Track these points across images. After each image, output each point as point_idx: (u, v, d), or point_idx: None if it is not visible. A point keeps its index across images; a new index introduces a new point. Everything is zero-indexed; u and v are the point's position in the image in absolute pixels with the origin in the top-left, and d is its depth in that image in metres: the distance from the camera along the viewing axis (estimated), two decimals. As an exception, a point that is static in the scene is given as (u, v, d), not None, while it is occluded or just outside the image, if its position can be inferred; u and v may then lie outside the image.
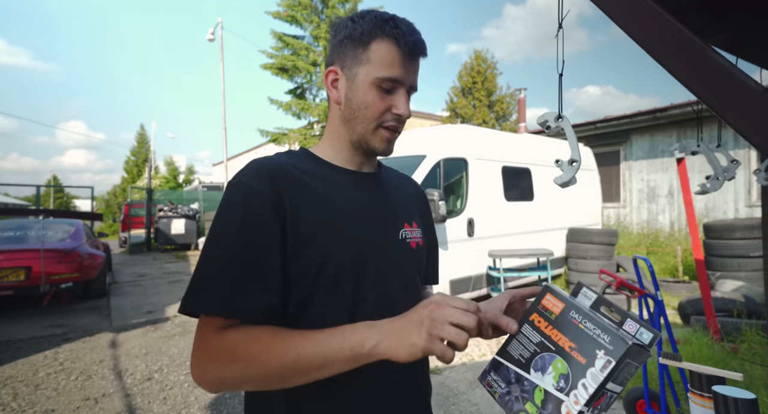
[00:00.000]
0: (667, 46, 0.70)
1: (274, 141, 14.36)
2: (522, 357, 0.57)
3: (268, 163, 0.67)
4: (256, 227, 0.61)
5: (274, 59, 14.09)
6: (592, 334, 0.53)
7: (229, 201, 0.63)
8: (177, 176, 27.03)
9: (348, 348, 0.54)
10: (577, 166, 0.95)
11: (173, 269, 8.51)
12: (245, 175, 0.65)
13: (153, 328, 4.45)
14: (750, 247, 5.17)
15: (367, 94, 0.68)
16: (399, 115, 0.69)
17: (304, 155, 0.75)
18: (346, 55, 0.69)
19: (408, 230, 0.77)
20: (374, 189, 0.76)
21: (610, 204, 8.91)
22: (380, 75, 0.66)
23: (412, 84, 0.70)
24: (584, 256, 5.49)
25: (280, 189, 0.64)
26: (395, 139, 0.72)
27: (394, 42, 0.66)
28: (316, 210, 0.66)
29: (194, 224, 11.52)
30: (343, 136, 0.73)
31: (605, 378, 0.50)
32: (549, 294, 0.60)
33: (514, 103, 17.46)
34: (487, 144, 5.05)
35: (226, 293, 0.58)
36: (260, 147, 35.39)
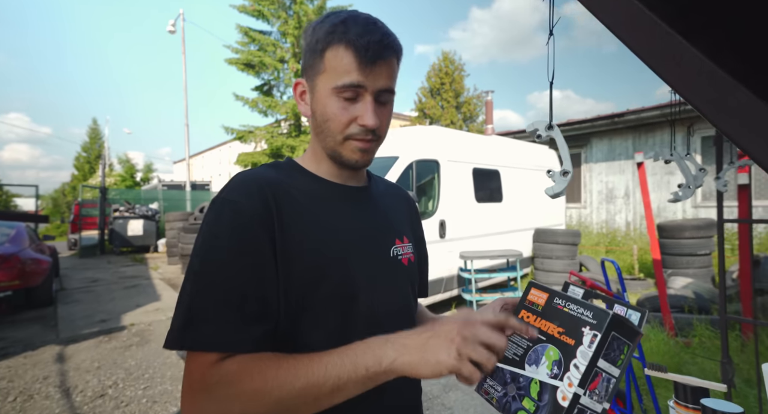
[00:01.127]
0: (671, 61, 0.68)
1: (239, 139, 13.92)
2: (516, 355, 0.57)
3: (257, 178, 0.63)
4: (248, 249, 0.57)
5: (240, 54, 13.66)
6: (576, 314, 0.54)
7: (217, 220, 0.58)
8: (134, 174, 25.61)
9: (363, 367, 0.51)
10: (569, 177, 0.93)
11: (130, 273, 8.02)
12: (233, 191, 0.61)
13: (107, 338, 4.15)
14: (698, 245, 5.53)
15: (326, 105, 0.64)
16: (364, 126, 0.63)
17: (291, 168, 0.71)
18: (308, 65, 0.66)
19: (399, 247, 0.74)
20: (364, 204, 0.73)
21: (572, 204, 9.28)
22: (336, 84, 0.62)
23: (380, 88, 0.63)
24: (550, 256, 5.66)
25: (270, 206, 0.60)
26: (372, 148, 0.67)
27: (345, 46, 0.61)
28: (306, 228, 0.62)
29: (153, 225, 10.93)
30: (320, 150, 0.70)
31: (594, 353, 0.50)
32: (533, 289, 0.61)
33: (480, 104, 17.86)
34: (458, 146, 5.09)
35: (220, 324, 0.53)
36: (224, 144, 34.34)
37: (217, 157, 36.96)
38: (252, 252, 0.57)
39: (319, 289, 0.61)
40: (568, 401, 0.49)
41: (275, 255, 0.58)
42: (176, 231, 8.67)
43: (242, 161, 13.98)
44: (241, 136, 13.76)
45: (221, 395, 0.51)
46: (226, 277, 0.55)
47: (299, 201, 0.64)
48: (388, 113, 0.67)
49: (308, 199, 0.65)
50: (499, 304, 0.67)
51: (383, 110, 0.66)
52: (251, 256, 0.57)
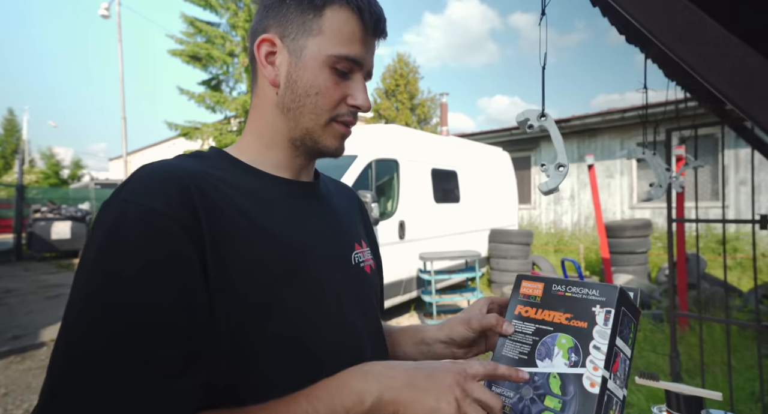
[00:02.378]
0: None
1: (184, 135, 13.08)
2: (523, 354, 0.51)
3: (173, 171, 0.45)
4: (165, 272, 0.40)
5: (185, 46, 12.86)
6: (582, 295, 0.51)
7: (115, 233, 0.40)
8: (59, 171, 23.24)
9: (342, 410, 0.41)
10: (564, 170, 0.83)
11: (53, 281, 7.16)
12: (139, 191, 0.43)
13: (19, 358, 3.59)
14: (636, 244, 5.92)
15: (318, 75, 0.51)
16: (357, 106, 0.54)
17: (218, 158, 0.55)
18: (289, 21, 0.52)
19: (359, 252, 0.63)
20: (317, 204, 0.60)
21: (523, 205, 9.65)
22: (337, 52, 0.51)
23: (370, 69, 0.56)
24: (505, 255, 5.78)
25: (197, 209, 0.44)
26: (348, 136, 0.57)
27: (356, 11, 0.51)
28: (248, 238, 0.47)
29: (83, 227, 9.88)
30: (281, 130, 0.55)
31: (612, 330, 0.47)
32: (524, 281, 0.57)
33: (434, 106, 18.22)
34: (418, 146, 5.05)
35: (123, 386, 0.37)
36: (168, 141, 32.22)
37: (160, 154, 34.70)
38: (171, 276, 0.40)
39: (274, 315, 0.47)
40: (597, 387, 0.45)
41: (206, 278, 0.43)
42: (110, 234, 7.89)
43: (187, 159, 13.15)
44: (186, 133, 12.94)
45: None
46: (133, 317, 0.38)
47: (237, 202, 0.48)
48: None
49: (249, 198, 0.50)
50: (485, 303, 0.60)
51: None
52: (170, 282, 0.40)
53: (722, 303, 4.20)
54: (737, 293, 4.81)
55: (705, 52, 0.61)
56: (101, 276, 0.39)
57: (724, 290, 4.66)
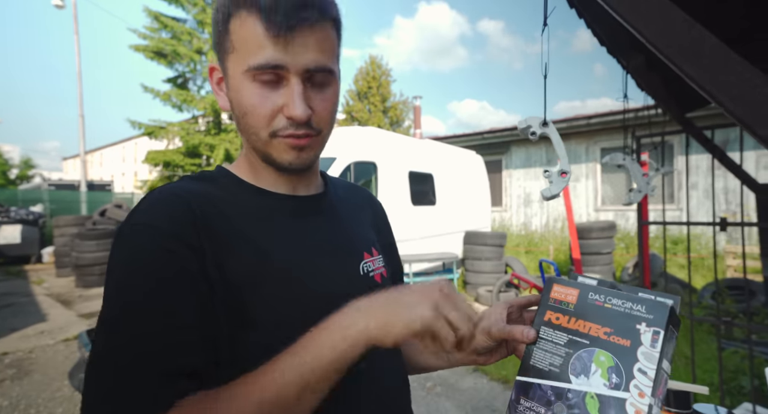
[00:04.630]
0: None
1: (149, 134, 12.53)
2: (554, 366, 0.48)
3: (180, 195, 0.48)
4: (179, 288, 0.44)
5: (149, 41, 12.33)
6: (624, 309, 0.46)
7: (130, 256, 0.45)
8: (7, 171, 21.68)
9: (328, 348, 0.41)
10: (568, 177, 0.86)
11: (2, 290, 6.65)
12: (149, 213, 0.46)
13: (-31, 374, 3.32)
14: (602, 245, 6.21)
15: (242, 94, 0.49)
16: (291, 117, 0.48)
17: (224, 179, 0.56)
18: (216, 45, 0.52)
19: (369, 261, 0.62)
20: (321, 217, 0.60)
21: (495, 208, 9.89)
22: (248, 64, 0.47)
23: (307, 65, 0.47)
24: (479, 257, 5.90)
25: (199, 229, 0.47)
26: (311, 144, 0.52)
27: (249, 11, 0.46)
28: (251, 258, 0.49)
29: (35, 231, 9.23)
30: (251, 152, 0.55)
31: (660, 353, 0.43)
32: (556, 285, 0.53)
33: (407, 109, 18.38)
34: (395, 149, 5.09)
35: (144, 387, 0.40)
36: (129, 140, 30.79)
37: (120, 154, 33.01)
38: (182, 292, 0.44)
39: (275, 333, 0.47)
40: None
41: (212, 291, 0.46)
42: (68, 238, 7.44)
43: (152, 160, 12.61)
44: (151, 132, 12.41)
45: None
46: (149, 330, 0.42)
47: (237, 223, 0.50)
48: (328, 98, 0.52)
49: (249, 218, 0.52)
50: (504, 308, 0.57)
51: (321, 95, 0.50)
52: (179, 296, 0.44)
53: (682, 300, 4.47)
54: (691, 290, 5.14)
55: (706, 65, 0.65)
56: (120, 294, 0.43)
57: (683, 288, 4.98)
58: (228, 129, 12.93)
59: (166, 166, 12.81)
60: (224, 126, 13.16)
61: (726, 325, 2.32)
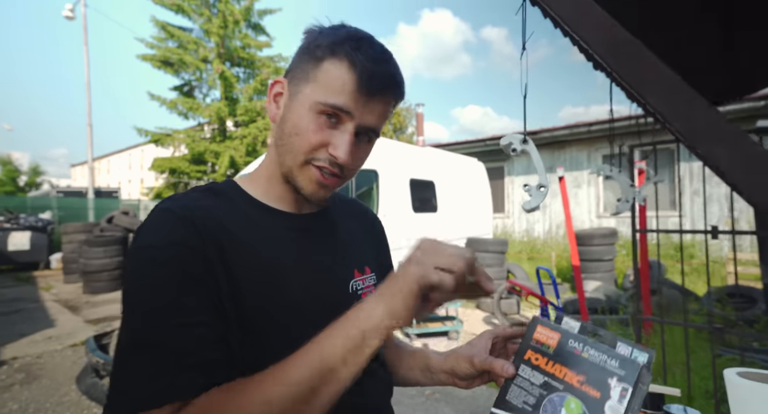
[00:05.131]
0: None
1: (155, 142, 12.73)
2: (527, 405, 0.50)
3: (191, 209, 0.53)
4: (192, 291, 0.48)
5: (156, 50, 12.57)
6: (599, 362, 0.49)
7: (147, 260, 0.49)
8: (16, 178, 21.99)
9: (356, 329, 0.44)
10: (545, 191, 0.93)
11: (11, 296, 6.76)
12: (157, 232, 0.51)
13: (-20, 378, 3.40)
14: (603, 252, 6.22)
15: (302, 118, 0.55)
16: (333, 157, 0.55)
17: (232, 193, 0.61)
18: (297, 68, 0.58)
19: (359, 280, 0.66)
20: (320, 234, 0.64)
21: (497, 214, 9.92)
22: (322, 99, 0.54)
23: (366, 124, 0.55)
24: (481, 264, 5.93)
25: (207, 241, 0.51)
26: (332, 184, 0.58)
27: (353, 66, 0.53)
28: (248, 270, 0.53)
29: (44, 238, 9.37)
30: (276, 165, 0.60)
31: (626, 409, 0.45)
32: (540, 326, 0.55)
33: (410, 116, 18.50)
34: (396, 156, 5.15)
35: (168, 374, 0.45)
36: (136, 147, 31.17)
37: (127, 161, 33.38)
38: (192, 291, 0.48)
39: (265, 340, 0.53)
40: None
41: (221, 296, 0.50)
42: (76, 244, 7.55)
43: (159, 167, 12.79)
44: (158, 139, 12.61)
45: None
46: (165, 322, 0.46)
47: (239, 235, 0.54)
48: (364, 153, 0.60)
49: (251, 233, 0.56)
50: (489, 337, 0.61)
51: (361, 149, 0.58)
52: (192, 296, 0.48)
53: (682, 306, 4.48)
54: (694, 297, 5.13)
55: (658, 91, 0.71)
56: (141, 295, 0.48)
57: (681, 294, 4.98)
58: (232, 136, 13.08)
59: (171, 173, 12.96)
60: (229, 133, 13.32)
61: (719, 332, 2.35)
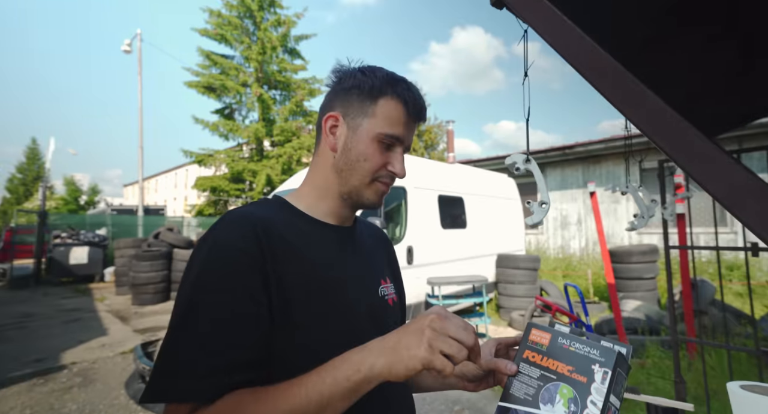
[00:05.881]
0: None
1: (198, 162, 13.51)
2: (528, 395, 0.58)
3: (249, 218, 0.62)
4: (239, 293, 0.55)
5: (201, 77, 13.49)
6: (584, 352, 0.57)
7: (207, 263, 0.57)
8: (78, 197, 23.88)
9: (344, 379, 0.50)
10: (547, 207, 0.99)
11: (71, 306, 7.33)
12: (224, 231, 0.60)
13: (42, 380, 3.72)
14: (644, 269, 5.92)
15: (368, 146, 0.68)
16: (394, 173, 0.70)
17: (280, 206, 0.71)
18: (351, 104, 0.69)
19: (384, 287, 0.76)
20: (354, 246, 0.75)
21: (530, 231, 9.70)
22: (384, 131, 0.68)
23: (408, 144, 0.72)
24: (512, 281, 5.82)
25: (263, 248, 0.59)
26: (386, 193, 0.73)
27: (403, 103, 0.68)
28: (302, 273, 0.62)
29: (100, 252, 10.13)
30: (333, 186, 0.71)
31: (608, 389, 0.54)
32: (534, 329, 0.64)
33: (441, 133, 18.58)
34: (424, 173, 5.23)
35: (197, 374, 0.52)
36: (181, 168, 33.08)
37: (173, 180, 35.43)
38: (242, 296, 0.55)
39: (317, 334, 0.61)
40: None
41: (269, 299, 0.57)
42: (127, 259, 8.11)
43: (201, 185, 13.53)
44: (201, 160, 13.38)
45: None
46: (212, 324, 0.53)
47: (293, 244, 0.63)
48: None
49: (302, 240, 0.65)
50: (493, 344, 0.69)
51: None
52: (241, 301, 0.55)
53: (732, 330, 4.19)
54: (747, 319, 4.79)
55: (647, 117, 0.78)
56: (194, 293, 0.56)
57: (736, 318, 4.65)
58: (269, 155, 13.67)
59: (212, 192, 13.66)
60: (266, 153, 13.93)
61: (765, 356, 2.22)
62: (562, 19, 0.90)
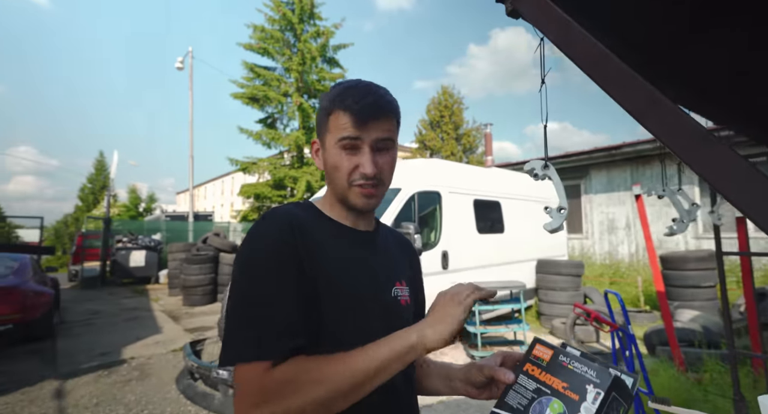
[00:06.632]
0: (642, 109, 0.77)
1: (243, 170, 14.17)
2: (520, 405, 0.60)
3: (287, 215, 0.72)
4: (288, 275, 0.65)
5: (245, 89, 14.15)
6: (581, 372, 0.59)
7: (255, 250, 0.67)
8: (138, 204, 25.82)
9: (398, 346, 0.61)
10: (565, 213, 0.99)
11: (131, 305, 7.95)
12: (268, 225, 0.70)
13: (106, 372, 4.08)
14: (702, 277, 5.48)
15: (333, 156, 0.74)
16: (364, 173, 0.73)
17: (310, 209, 0.80)
18: (318, 127, 0.79)
19: (399, 288, 0.81)
20: (371, 248, 0.81)
21: (574, 235, 9.30)
22: (338, 137, 0.73)
23: (375, 138, 0.74)
24: (553, 287, 5.62)
25: (297, 238, 0.68)
26: (376, 193, 0.76)
27: (344, 110, 0.73)
28: (325, 262, 0.70)
29: (155, 256, 10.92)
30: (333, 197, 0.80)
31: (597, 409, 0.54)
32: (539, 344, 0.66)
33: (480, 136, 18.27)
34: (459, 177, 5.20)
35: (267, 336, 0.61)
36: (227, 175, 34.82)
37: (220, 187, 37.35)
38: (287, 276, 0.65)
39: (333, 322, 0.68)
40: None
41: (306, 280, 0.67)
42: (178, 262, 8.66)
43: (245, 192, 14.17)
44: (245, 168, 14.02)
45: (281, 394, 0.58)
46: (268, 297, 0.63)
47: (318, 238, 0.72)
48: (389, 159, 0.76)
49: (325, 236, 0.74)
50: (500, 356, 0.73)
51: (384, 157, 0.75)
52: (287, 279, 0.65)
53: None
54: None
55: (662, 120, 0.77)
56: (249, 274, 0.66)
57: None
58: (309, 162, 14.08)
59: (256, 198, 14.26)
60: (306, 160, 14.36)
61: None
62: (579, 31, 0.91)
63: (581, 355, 0.66)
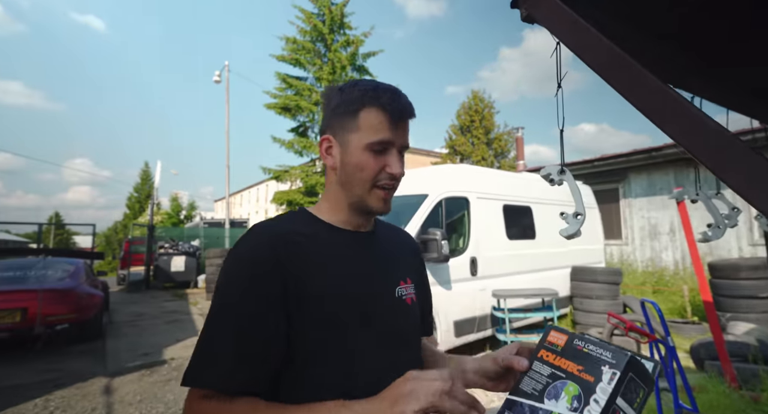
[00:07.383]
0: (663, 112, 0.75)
1: (276, 178, 14.57)
2: (535, 390, 0.60)
3: (268, 231, 0.70)
4: (253, 297, 0.64)
5: (278, 99, 14.58)
6: (596, 354, 0.58)
7: (228, 271, 0.67)
8: (179, 212, 27.15)
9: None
10: (582, 218, 0.97)
11: (171, 308, 8.35)
12: (245, 244, 0.69)
13: (149, 371, 4.31)
14: (758, 287, 5.07)
15: (361, 157, 0.71)
16: (392, 174, 0.72)
17: (304, 217, 0.77)
18: (338, 124, 0.74)
19: (403, 287, 0.80)
20: (372, 249, 0.79)
21: (612, 241, 8.88)
22: (371, 140, 0.71)
23: (402, 144, 0.74)
24: (589, 295, 5.40)
25: (281, 256, 0.66)
26: (391, 197, 0.75)
27: (381, 108, 0.71)
28: (318, 274, 0.68)
29: (194, 261, 11.43)
30: (342, 199, 0.76)
31: (613, 390, 0.53)
32: (553, 331, 0.66)
33: (511, 140, 17.89)
34: (488, 182, 5.12)
35: (211, 364, 0.62)
36: (261, 183, 35.96)
37: (255, 195, 38.56)
38: (257, 299, 0.63)
39: (335, 331, 0.67)
40: None
41: (286, 302, 0.64)
42: (215, 267, 9.03)
43: (278, 199, 14.55)
44: (278, 176, 14.41)
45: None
46: (230, 322, 0.63)
47: (311, 249, 0.70)
48: (404, 165, 0.77)
49: (320, 245, 0.72)
50: (515, 347, 0.71)
51: (401, 162, 0.75)
52: (256, 303, 0.63)
53: None
54: None
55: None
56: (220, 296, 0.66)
57: None
58: (340, 170, 14.27)
59: (289, 205, 14.62)
60: (337, 167, 14.56)
61: None
62: (594, 35, 0.90)
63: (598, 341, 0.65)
